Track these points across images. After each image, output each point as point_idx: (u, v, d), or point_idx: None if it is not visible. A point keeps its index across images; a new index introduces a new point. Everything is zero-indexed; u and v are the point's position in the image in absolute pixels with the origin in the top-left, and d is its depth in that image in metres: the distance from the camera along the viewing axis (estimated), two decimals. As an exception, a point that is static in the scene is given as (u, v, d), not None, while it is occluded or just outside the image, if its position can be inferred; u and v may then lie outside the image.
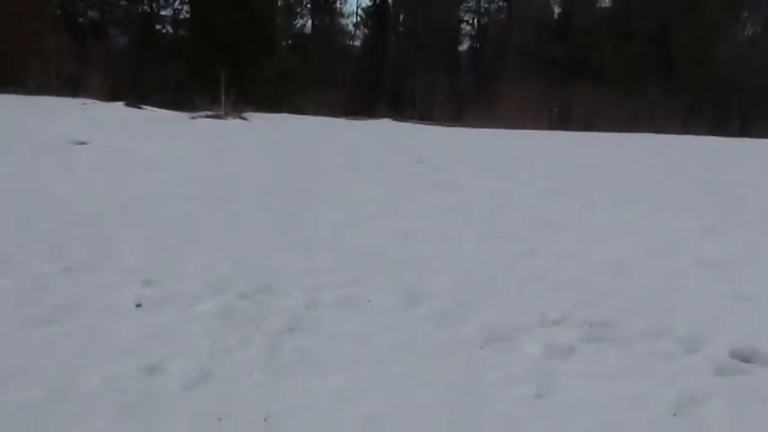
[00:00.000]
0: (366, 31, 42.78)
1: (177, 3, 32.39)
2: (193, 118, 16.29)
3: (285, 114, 20.57)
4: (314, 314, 3.51)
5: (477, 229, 5.54)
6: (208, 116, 16.67)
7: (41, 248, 4.49)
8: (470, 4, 45.28)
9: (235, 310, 3.53)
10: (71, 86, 21.07)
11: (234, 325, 3.33)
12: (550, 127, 27.87)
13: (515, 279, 4.17)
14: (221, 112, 17.28)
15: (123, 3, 30.78)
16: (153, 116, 16.46)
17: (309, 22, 39.86)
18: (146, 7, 31.84)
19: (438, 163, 9.79)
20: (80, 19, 29.79)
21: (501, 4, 44.23)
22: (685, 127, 31.51)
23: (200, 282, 3.98)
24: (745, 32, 47.74)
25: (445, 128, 20.94)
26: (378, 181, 7.99)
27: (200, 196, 6.61)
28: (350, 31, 42.41)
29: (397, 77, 38.61)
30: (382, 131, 16.93)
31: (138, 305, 3.59)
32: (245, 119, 17.17)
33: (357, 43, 42.97)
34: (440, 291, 3.91)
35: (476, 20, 46.24)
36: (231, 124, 15.74)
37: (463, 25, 45.93)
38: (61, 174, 7.41)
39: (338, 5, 40.68)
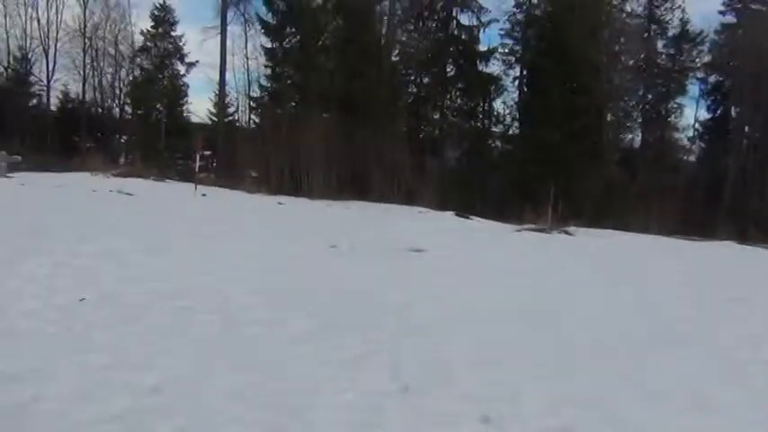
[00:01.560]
0: (703, 145, 39.48)
1: (509, 120, 34.06)
2: (518, 231, 16.30)
3: (611, 231, 19.40)
4: None
5: None
6: (532, 229, 16.53)
7: (382, 361, 4.45)
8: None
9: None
10: (408, 196, 23.20)
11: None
12: None
13: None
14: (546, 226, 17.00)
15: (458, 120, 33.39)
16: (480, 227, 16.95)
17: (640, 136, 38.32)
18: (479, 124, 34.07)
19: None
20: (420, 135, 33.12)
21: None
22: None
23: (542, 427, 3.45)
24: None
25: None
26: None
27: (531, 318, 6.15)
28: (684, 145, 39.54)
29: (738, 195, 34.41)
30: (729, 258, 14.72)
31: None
32: (569, 233, 16.59)
33: (692, 158, 39.77)
34: None
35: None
36: (556, 239, 15.31)
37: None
38: (398, 280, 7.70)
39: (672, 119, 38.41)
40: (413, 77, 33.81)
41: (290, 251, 9.11)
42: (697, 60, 37.93)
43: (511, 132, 33.89)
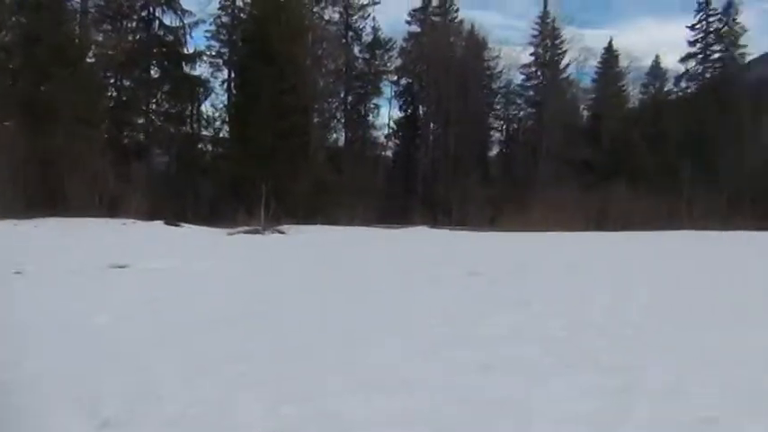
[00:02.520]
0: (397, 141, 43.65)
1: (219, 123, 33.55)
2: (231, 234, 16.14)
3: (322, 226, 20.39)
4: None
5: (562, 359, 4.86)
6: (246, 231, 16.53)
7: (76, 396, 3.94)
8: (499, 112, 46.22)
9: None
10: (112, 207, 21.38)
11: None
12: (588, 229, 27.22)
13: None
14: (259, 227, 17.14)
15: (166, 125, 31.88)
16: (191, 234, 16.36)
17: (343, 135, 40.89)
18: (188, 128, 32.96)
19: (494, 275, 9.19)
20: (125, 141, 30.84)
21: (530, 110, 44.97)
22: (726, 224, 30.56)
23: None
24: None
25: (485, 233, 20.50)
26: (436, 299, 7.41)
27: (243, 321, 6.06)
28: (382, 143, 43.32)
29: (429, 185, 38.86)
30: (424, 240, 16.52)
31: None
32: (282, 232, 16.99)
33: (389, 153, 43.75)
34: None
35: (505, 126, 47.04)
36: (269, 239, 15.52)
37: (492, 132, 46.74)
38: (98, 302, 6.99)
39: (370, 118, 41.82)
40: (113, 80, 31.31)
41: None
42: (389, 65, 41.92)
43: (222, 135, 33.49)
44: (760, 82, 44.86)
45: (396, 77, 42.21)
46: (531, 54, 43.17)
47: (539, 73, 43.79)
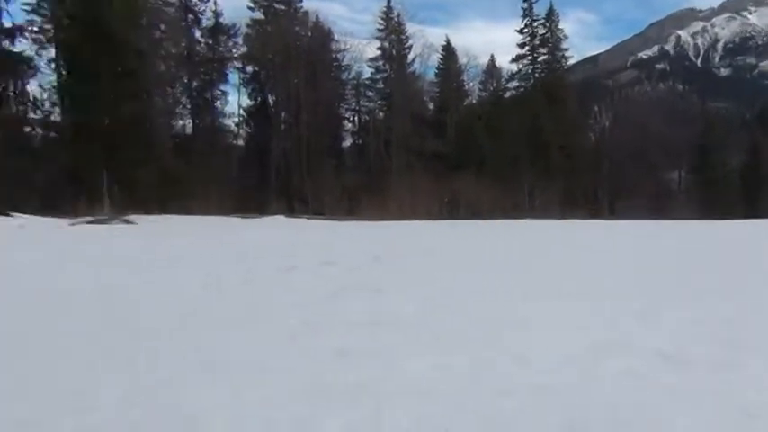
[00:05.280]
0: (249, 130, 42.70)
1: (48, 105, 30.70)
2: (73, 224, 14.90)
3: (172, 216, 19.45)
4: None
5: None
6: (89, 221, 15.34)
7: None
8: (350, 104, 46.75)
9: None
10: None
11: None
12: (441, 217, 28.48)
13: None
14: (104, 216, 15.99)
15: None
16: (25, 224, 14.88)
17: (190, 122, 39.27)
18: (12, 110, 29.82)
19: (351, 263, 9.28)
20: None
21: (380, 102, 45.92)
22: (563, 212, 33.51)
23: None
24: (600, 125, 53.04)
25: (342, 222, 20.71)
26: (291, 286, 7.35)
27: (81, 322, 5.62)
28: (233, 131, 42.20)
29: (284, 175, 38.46)
30: (279, 229, 16.32)
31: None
32: (130, 222, 15.98)
33: (241, 142, 42.70)
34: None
35: (356, 117, 47.68)
36: (115, 228, 14.53)
37: (345, 122, 47.21)
38: None
39: (218, 105, 40.53)
40: None
41: None
42: (234, 51, 40.78)
43: (53, 119, 30.75)
44: (583, 83, 50.16)
45: (242, 64, 41.27)
46: (378, 48, 44.29)
47: (386, 66, 44.91)
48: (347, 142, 48.39)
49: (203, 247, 11.66)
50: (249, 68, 41.44)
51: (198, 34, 39.07)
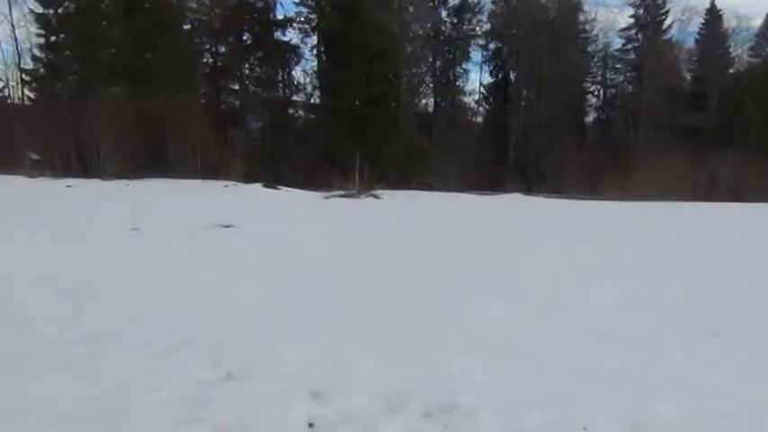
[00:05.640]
0: (488, 107, 42.86)
1: (309, 89, 34.07)
2: (327, 197, 16.44)
3: (415, 191, 20.40)
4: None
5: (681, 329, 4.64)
6: (341, 195, 16.77)
7: (199, 349, 4.14)
8: (595, 77, 44.35)
9: (424, 438, 2.93)
10: (212, 170, 22.24)
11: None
12: (695, 198, 25.81)
13: None
14: (354, 191, 17.34)
15: (259, 90, 32.72)
16: (289, 196, 16.79)
17: (432, 100, 40.53)
18: (279, 93, 33.67)
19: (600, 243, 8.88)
20: (221, 107, 31.90)
21: (629, 74, 42.89)
22: None
23: (371, 393, 3.43)
24: None
25: (583, 201, 19.84)
26: (537, 265, 7.25)
27: (349, 285, 6.15)
28: (473, 108, 42.64)
29: (522, 151, 38.07)
30: (519, 207, 16.20)
31: (311, 425, 3.08)
32: (377, 197, 17.12)
33: (480, 119, 43.03)
34: (672, 420, 3.10)
35: (601, 91, 45.11)
36: (365, 203, 15.71)
37: (588, 97, 44.97)
38: (209, 260, 7.29)
39: (460, 84, 41.16)
40: (208, 47, 32.34)
41: (86, 237, 8.25)
42: (477, 29, 40.91)
43: (312, 101, 33.99)
44: None
45: (484, 42, 41.28)
46: (631, 16, 41.17)
47: (638, 35, 41.67)
48: (590, 117, 46.07)
49: (449, 222, 12.01)
50: (492, 46, 41.33)
51: (444, 14, 39.91)
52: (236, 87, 32.56)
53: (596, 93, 45.28)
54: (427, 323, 4.84)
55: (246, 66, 32.56)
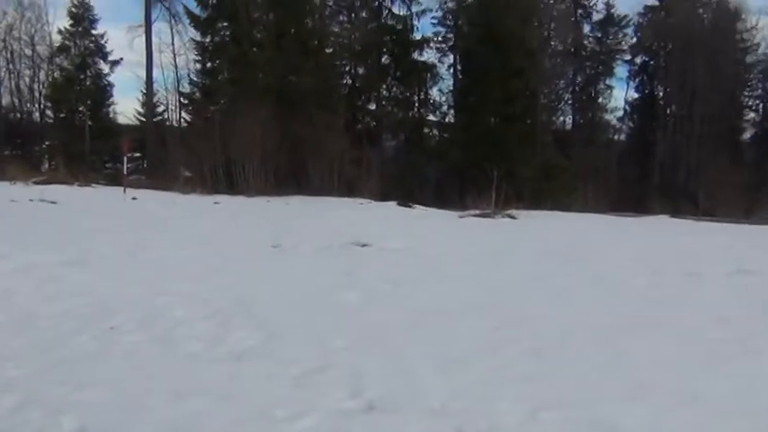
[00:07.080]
0: (632, 124, 40.61)
1: (445, 107, 34.08)
2: (462, 216, 16.15)
3: (552, 212, 19.59)
4: None
5: None
6: (476, 215, 16.41)
7: (338, 374, 4.01)
8: (756, 91, 40.61)
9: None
10: (348, 188, 22.77)
11: None
12: None
13: None
14: (489, 211, 16.90)
15: (395, 110, 33.17)
16: (423, 215, 16.71)
17: (571, 117, 39.07)
18: (415, 113, 33.95)
19: None
20: (358, 126, 32.69)
21: (794, 86, 38.89)
22: None
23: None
24: None
25: (742, 225, 18.06)
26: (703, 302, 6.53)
27: (492, 311, 5.81)
28: (614, 125, 40.55)
29: (668, 171, 35.63)
30: (668, 230, 14.99)
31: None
32: (513, 217, 16.59)
33: (622, 137, 40.84)
34: None
35: (762, 105, 41.19)
36: (502, 222, 15.26)
37: (746, 111, 41.23)
38: (347, 279, 7.25)
39: (601, 100, 39.30)
40: (347, 68, 33.34)
41: (229, 253, 8.56)
42: (623, 43, 38.93)
43: (447, 120, 33.93)
44: None
45: (631, 56, 39.16)
46: (800, 21, 37.38)
47: (808, 42, 37.67)
48: (747, 134, 42.16)
49: (591, 246, 11.30)
50: (638, 59, 39.19)
51: (587, 29, 38.49)
52: (373, 107, 33.23)
53: (755, 107, 41.47)
54: (581, 363, 4.41)
55: (384, 86, 33.17)
